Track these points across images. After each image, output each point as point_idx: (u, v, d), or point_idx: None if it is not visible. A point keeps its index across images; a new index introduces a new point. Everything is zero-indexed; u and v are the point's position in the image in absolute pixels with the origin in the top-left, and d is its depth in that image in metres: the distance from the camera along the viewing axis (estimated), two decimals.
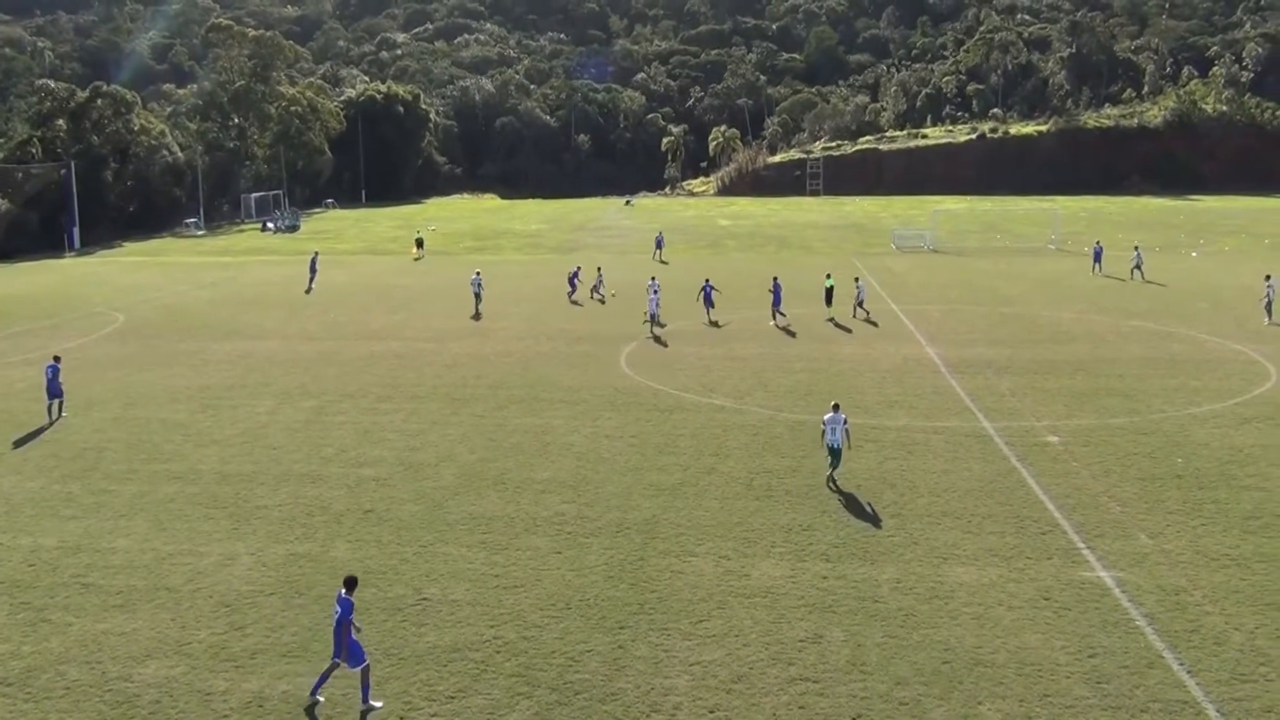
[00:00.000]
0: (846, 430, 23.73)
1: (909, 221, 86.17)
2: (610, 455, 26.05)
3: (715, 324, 44.42)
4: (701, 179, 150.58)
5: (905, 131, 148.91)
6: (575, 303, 50.30)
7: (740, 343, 40.15)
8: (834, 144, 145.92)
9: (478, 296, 48.55)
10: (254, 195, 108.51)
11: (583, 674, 15.73)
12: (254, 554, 20.32)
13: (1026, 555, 19.65)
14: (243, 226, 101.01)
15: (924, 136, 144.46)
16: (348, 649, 14.84)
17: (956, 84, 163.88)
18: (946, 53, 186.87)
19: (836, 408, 23.89)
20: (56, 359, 31.32)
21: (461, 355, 38.53)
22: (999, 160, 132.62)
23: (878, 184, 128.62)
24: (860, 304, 45.86)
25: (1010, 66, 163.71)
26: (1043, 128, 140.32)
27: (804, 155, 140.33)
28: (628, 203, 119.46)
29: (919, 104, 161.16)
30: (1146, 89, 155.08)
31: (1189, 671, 15.46)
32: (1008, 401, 30.60)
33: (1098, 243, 60.48)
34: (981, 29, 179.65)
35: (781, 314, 44.33)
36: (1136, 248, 58.04)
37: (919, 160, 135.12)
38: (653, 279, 46.82)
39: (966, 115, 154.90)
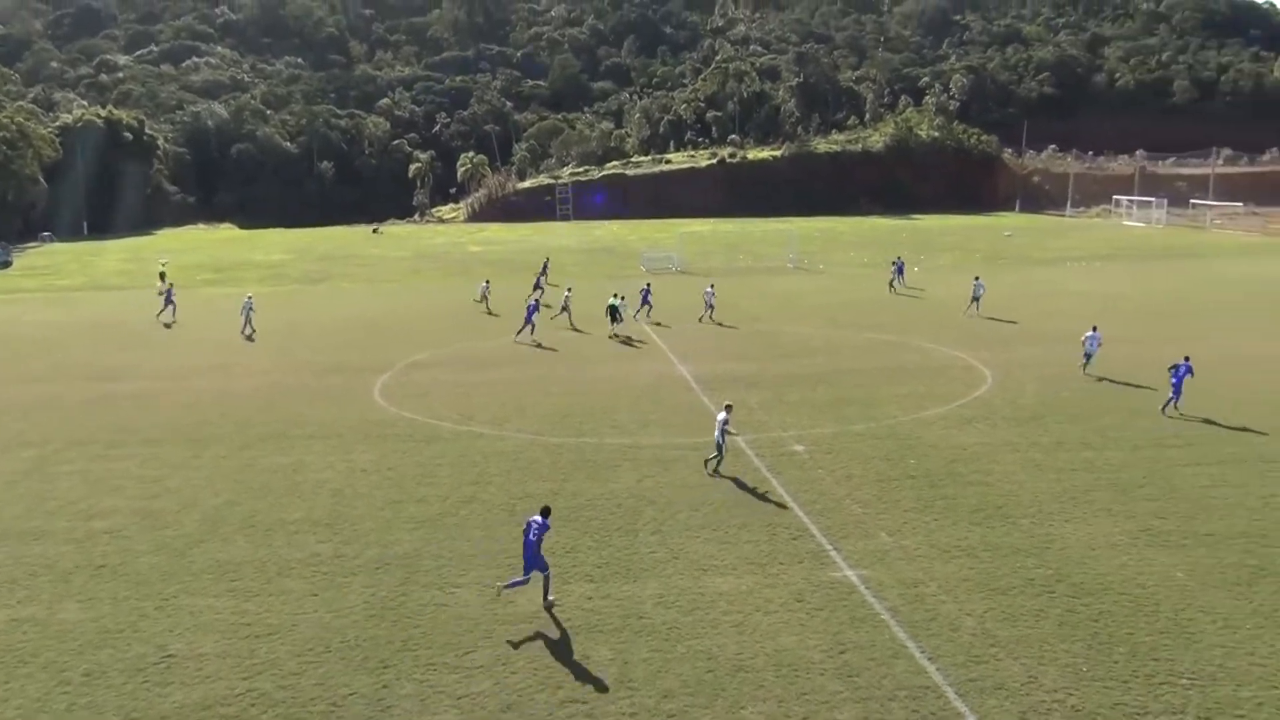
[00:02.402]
0: (726, 430, 25.45)
1: (656, 244, 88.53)
2: (366, 490, 25.31)
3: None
4: (451, 205, 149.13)
5: (650, 157, 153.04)
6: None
7: (497, 368, 39.99)
8: (582, 169, 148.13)
9: (248, 320, 48.72)
10: None
11: (345, 719, 15.16)
12: None
13: (780, 561, 20.49)
14: None
15: (668, 161, 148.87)
16: (535, 563, 18.46)
17: (696, 111, 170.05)
18: (686, 81, 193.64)
19: (728, 408, 26.05)
20: None
21: (204, 393, 36.43)
22: (738, 184, 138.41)
23: (625, 208, 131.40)
24: (710, 311, 49.70)
25: (745, 95, 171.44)
26: (777, 153, 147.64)
27: (553, 181, 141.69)
28: (375, 230, 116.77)
29: (662, 130, 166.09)
30: (868, 116, 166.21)
31: (929, 658, 16.54)
32: (756, 415, 31.86)
33: (899, 258, 63.72)
34: (717, 59, 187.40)
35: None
36: (895, 262, 62.02)
37: (664, 184, 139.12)
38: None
39: (707, 141, 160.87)
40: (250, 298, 50.36)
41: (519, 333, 45.14)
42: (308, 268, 79.80)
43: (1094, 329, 38.20)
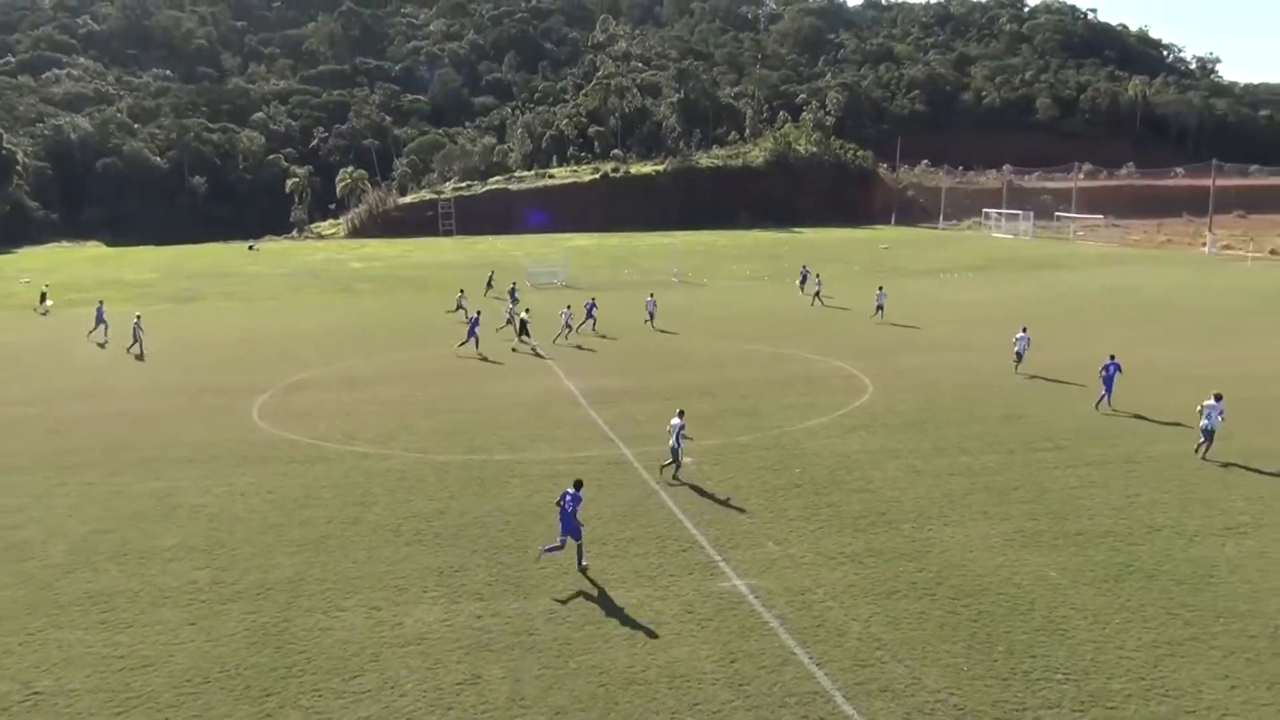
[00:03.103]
0: (682, 435, 26.11)
1: (542, 259, 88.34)
2: (246, 514, 24.56)
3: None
4: (330, 221, 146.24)
5: (533, 172, 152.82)
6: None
7: (382, 386, 39.31)
8: (464, 184, 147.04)
9: (137, 339, 47.44)
10: None
11: None
12: None
13: (670, 573, 20.58)
14: None
15: (551, 176, 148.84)
16: (571, 530, 20.37)
17: (578, 126, 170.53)
18: (567, 96, 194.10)
19: (681, 414, 26.64)
20: None
21: (71, 418, 34.86)
22: (622, 198, 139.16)
23: (509, 223, 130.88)
24: (651, 317, 52.16)
25: (627, 110, 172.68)
26: (660, 167, 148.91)
27: (435, 196, 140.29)
28: (251, 248, 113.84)
29: (544, 145, 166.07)
30: (748, 132, 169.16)
31: (818, 664, 16.80)
32: (645, 428, 31.98)
33: (805, 267, 66.94)
34: (599, 74, 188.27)
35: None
36: (817, 274, 63.82)
37: (548, 199, 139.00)
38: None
39: (589, 156, 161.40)
40: (139, 316, 48.83)
41: (472, 343, 45.18)
42: (180, 286, 77.26)
43: (1024, 330, 40.39)
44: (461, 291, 58.56)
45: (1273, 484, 25.72)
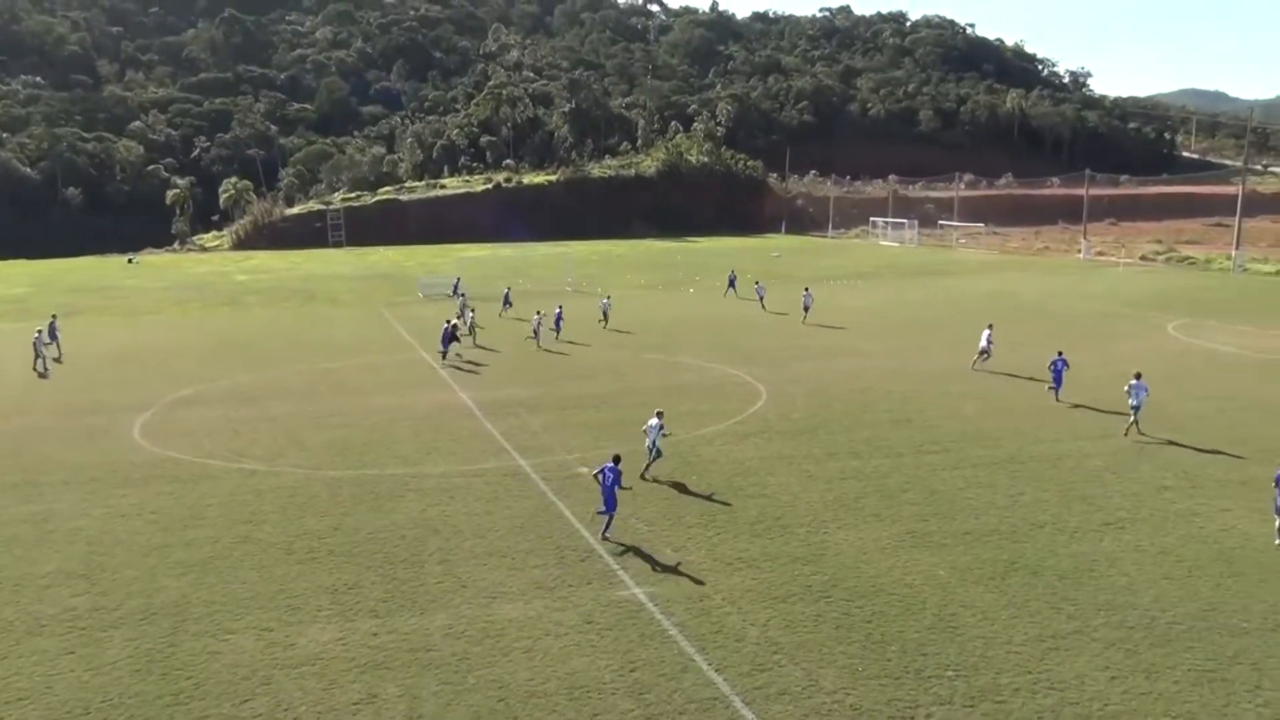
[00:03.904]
0: (662, 433, 27.19)
1: (435, 270, 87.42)
2: (128, 536, 23.67)
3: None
4: (214, 233, 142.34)
5: (424, 182, 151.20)
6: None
7: (272, 401, 38.34)
8: (354, 194, 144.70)
9: (56, 344, 47.16)
10: None
11: None
12: None
13: (569, 583, 20.51)
14: None
15: (443, 186, 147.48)
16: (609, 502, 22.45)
17: (470, 136, 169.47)
18: (459, 106, 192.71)
19: (659, 414, 27.41)
20: None
21: None
22: (515, 208, 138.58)
23: (401, 234, 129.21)
24: (606, 316, 55.12)
25: (519, 120, 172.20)
26: (552, 177, 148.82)
27: (323, 206, 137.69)
28: (130, 261, 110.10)
29: (435, 155, 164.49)
30: (640, 142, 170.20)
31: (716, 669, 16.91)
32: (540, 438, 31.85)
33: (732, 272, 70.27)
34: (490, 84, 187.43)
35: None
36: (757, 280, 66.72)
37: (440, 209, 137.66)
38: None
39: (481, 166, 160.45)
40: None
41: (444, 356, 45.04)
42: (56, 301, 74.25)
43: (990, 327, 42.74)
44: (464, 295, 60.36)
45: (1147, 481, 26.81)
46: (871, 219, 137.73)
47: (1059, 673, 16.68)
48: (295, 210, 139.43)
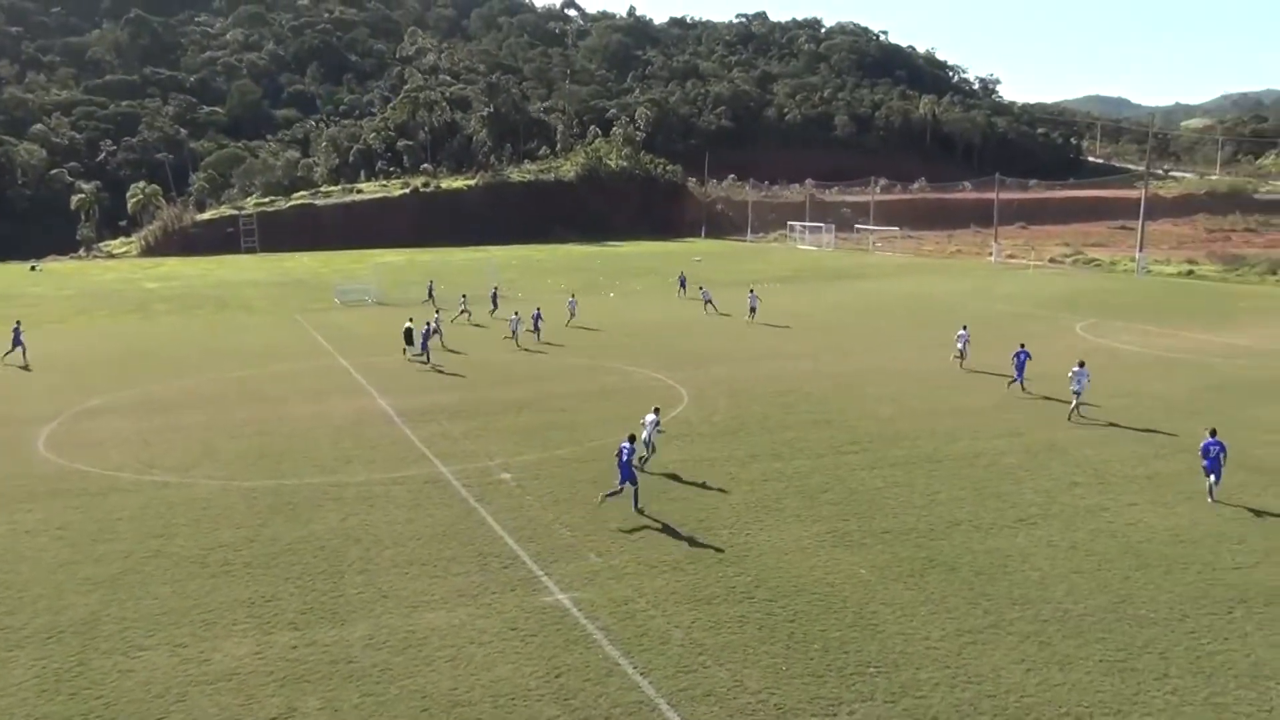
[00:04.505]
0: (658, 429, 28.41)
1: (351, 275, 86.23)
2: (33, 553, 22.90)
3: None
4: (122, 239, 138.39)
5: (340, 187, 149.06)
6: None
7: (184, 410, 37.42)
8: (267, 199, 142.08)
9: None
10: None
11: None
12: None
13: (492, 591, 20.36)
14: None
15: (359, 191, 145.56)
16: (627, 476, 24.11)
17: (386, 140, 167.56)
18: (374, 109, 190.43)
19: (656, 410, 28.75)
20: None
21: None
22: (433, 213, 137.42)
23: (316, 239, 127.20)
24: (573, 314, 57.19)
25: (436, 124, 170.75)
26: (471, 182, 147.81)
27: (236, 212, 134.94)
28: (33, 268, 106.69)
29: (351, 159, 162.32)
30: (559, 146, 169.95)
31: (642, 673, 16.92)
32: (462, 445, 31.59)
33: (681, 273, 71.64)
34: (407, 87, 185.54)
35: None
36: (700, 285, 67.74)
37: (356, 215, 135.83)
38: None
39: (399, 170, 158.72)
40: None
41: (424, 358, 45.82)
42: None
43: (964, 328, 43.78)
44: (464, 296, 62.29)
45: (1058, 478, 27.51)
46: (790, 223, 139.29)
47: (976, 666, 17.02)
48: (207, 216, 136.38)
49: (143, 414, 37.08)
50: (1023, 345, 38.47)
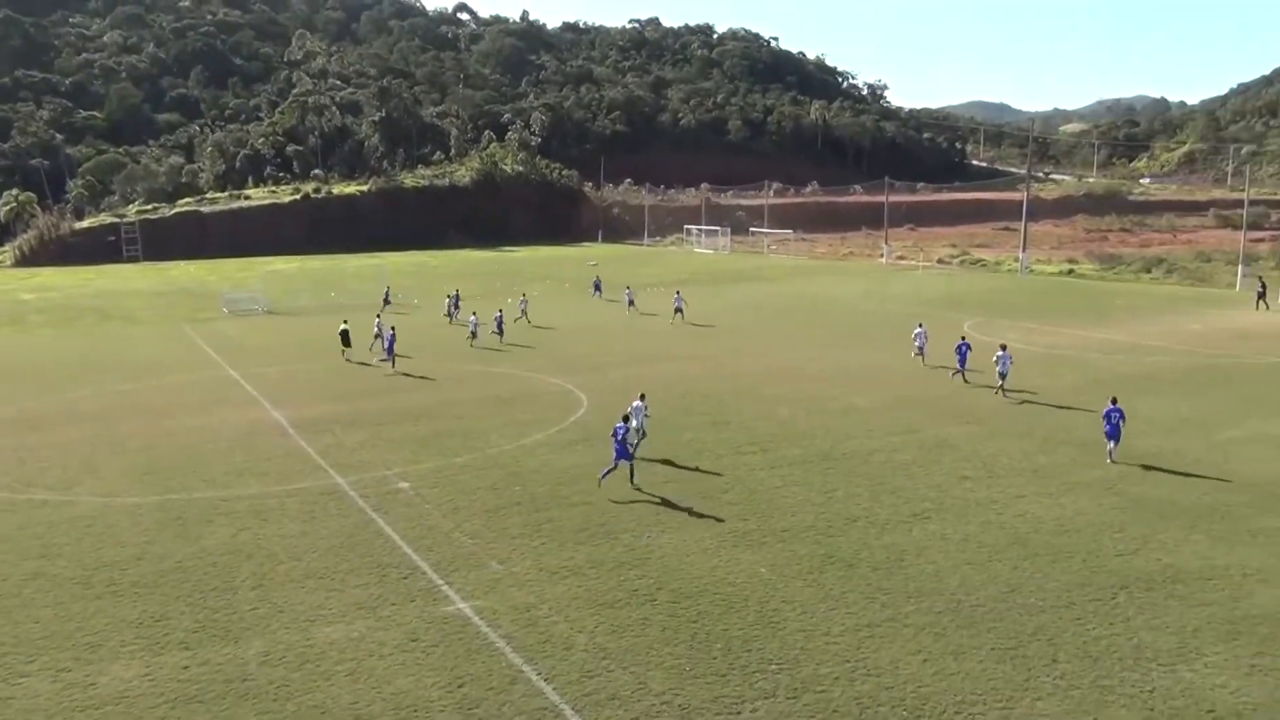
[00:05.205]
0: (645, 415, 29.97)
1: (239, 284, 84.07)
2: None
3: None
4: None
5: (227, 193, 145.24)
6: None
7: (63, 426, 35.99)
8: (151, 207, 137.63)
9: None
10: None
11: None
12: None
13: (391, 602, 20.03)
14: None
15: (247, 198, 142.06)
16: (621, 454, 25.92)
17: (275, 145, 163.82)
18: (262, 114, 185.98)
19: (642, 396, 30.54)
20: None
21: None
22: (325, 220, 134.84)
23: (202, 247, 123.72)
24: (523, 313, 59.60)
25: (327, 129, 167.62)
26: (364, 188, 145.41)
27: (117, 219, 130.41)
28: None
29: (238, 165, 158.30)
30: (454, 151, 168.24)
31: (546, 679, 16.83)
32: (358, 455, 31.04)
33: (597, 278, 75.11)
34: (295, 92, 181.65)
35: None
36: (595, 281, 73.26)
37: (244, 221, 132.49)
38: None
39: (288, 176, 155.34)
40: None
41: (392, 362, 46.06)
42: None
43: (920, 325, 45.65)
44: (451, 297, 64.35)
45: (949, 472, 28.23)
46: (686, 227, 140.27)
47: (875, 660, 17.34)
48: (86, 224, 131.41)
49: (17, 431, 35.55)
50: (964, 338, 41.18)
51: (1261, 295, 64.17)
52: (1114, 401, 28.99)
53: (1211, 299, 69.94)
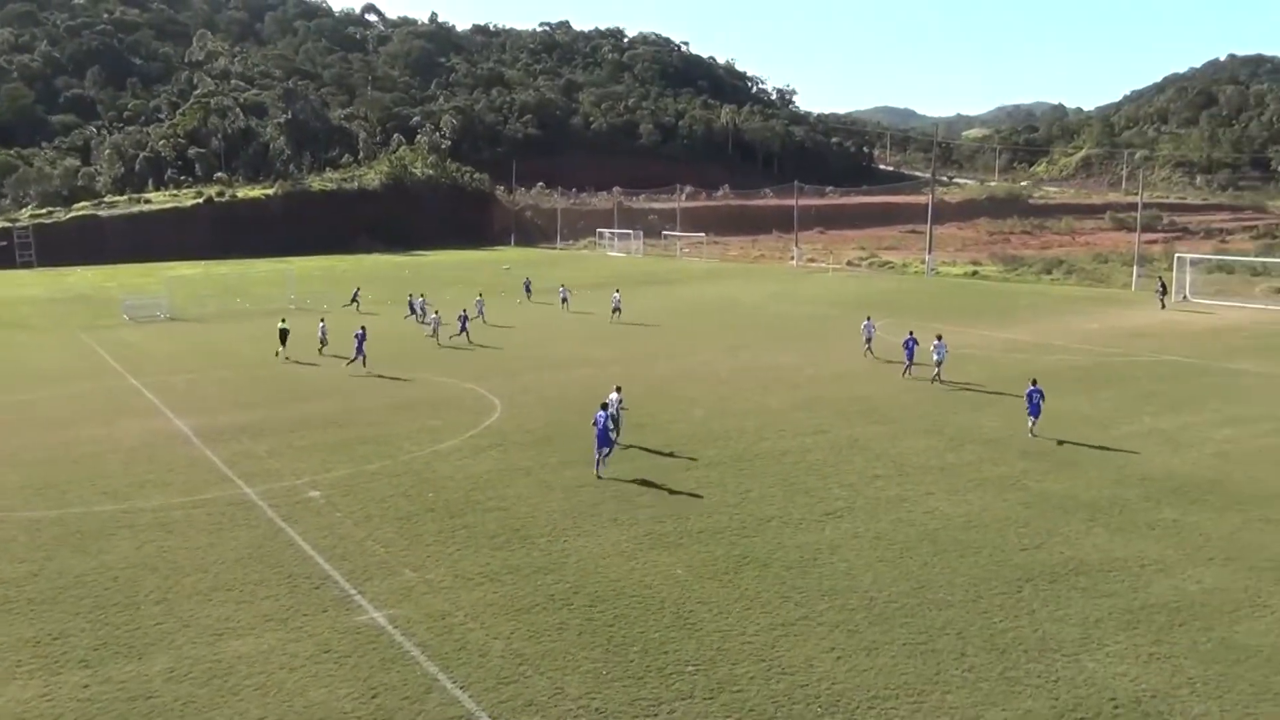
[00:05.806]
0: (621, 407, 31.24)
1: (140, 290, 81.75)
2: None
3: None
4: None
5: (126, 196, 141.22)
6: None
7: None
8: (45, 210, 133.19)
9: None
10: None
11: None
12: None
13: (303, 613, 19.64)
14: None
15: (147, 201, 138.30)
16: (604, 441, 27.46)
17: (176, 148, 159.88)
18: (162, 116, 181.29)
19: (618, 390, 32.04)
20: None
21: None
22: (230, 224, 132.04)
23: (101, 253, 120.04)
24: (480, 314, 59.87)
25: (230, 131, 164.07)
26: (270, 191, 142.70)
27: (9, 224, 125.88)
28: None
29: (138, 168, 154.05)
30: (362, 154, 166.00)
31: (461, 687, 16.66)
32: (266, 463, 30.39)
33: (527, 280, 78.11)
34: (196, 93, 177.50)
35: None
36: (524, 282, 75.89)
37: (145, 226, 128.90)
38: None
39: (191, 179, 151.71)
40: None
41: (350, 363, 45.80)
42: None
43: (869, 319, 46.76)
44: (423, 295, 65.63)
45: (861, 472, 28.68)
46: (599, 230, 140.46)
47: (790, 658, 17.52)
48: None
49: None
50: (911, 333, 43.10)
51: (1162, 295, 66.57)
52: (1034, 383, 32.02)
53: (1109, 299, 72.31)
